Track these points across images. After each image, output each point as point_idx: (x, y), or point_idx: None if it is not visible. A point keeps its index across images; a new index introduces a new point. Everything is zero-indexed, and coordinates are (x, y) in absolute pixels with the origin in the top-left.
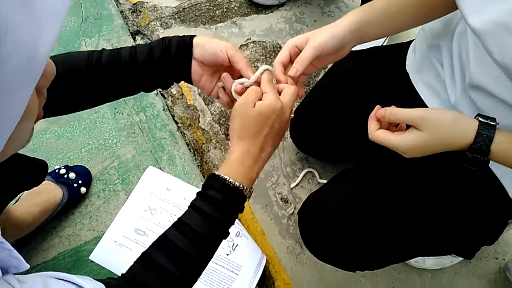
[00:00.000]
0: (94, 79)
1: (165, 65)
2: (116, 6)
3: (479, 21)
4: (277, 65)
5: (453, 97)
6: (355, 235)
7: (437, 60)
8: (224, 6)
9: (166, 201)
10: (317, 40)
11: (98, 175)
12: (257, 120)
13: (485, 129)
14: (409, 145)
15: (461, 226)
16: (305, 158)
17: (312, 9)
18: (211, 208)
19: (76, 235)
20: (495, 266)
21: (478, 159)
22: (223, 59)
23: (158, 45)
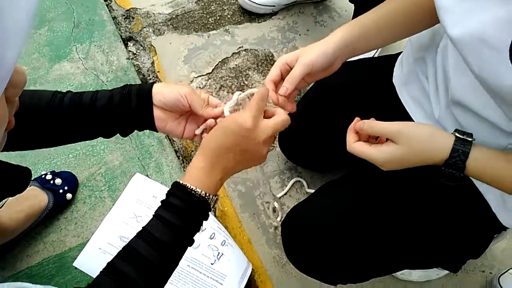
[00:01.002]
0: (54, 119)
1: (124, 114)
2: (109, 12)
3: (458, 32)
4: (268, 83)
5: (437, 112)
6: (337, 249)
7: (423, 73)
8: (217, 14)
9: (152, 209)
10: (307, 58)
11: (84, 181)
12: (221, 133)
13: (461, 144)
14: (385, 158)
15: (446, 239)
16: (294, 167)
17: (305, 18)
18: (174, 217)
19: (61, 241)
20: (481, 280)
21: (454, 175)
22: (185, 105)
23: (118, 94)
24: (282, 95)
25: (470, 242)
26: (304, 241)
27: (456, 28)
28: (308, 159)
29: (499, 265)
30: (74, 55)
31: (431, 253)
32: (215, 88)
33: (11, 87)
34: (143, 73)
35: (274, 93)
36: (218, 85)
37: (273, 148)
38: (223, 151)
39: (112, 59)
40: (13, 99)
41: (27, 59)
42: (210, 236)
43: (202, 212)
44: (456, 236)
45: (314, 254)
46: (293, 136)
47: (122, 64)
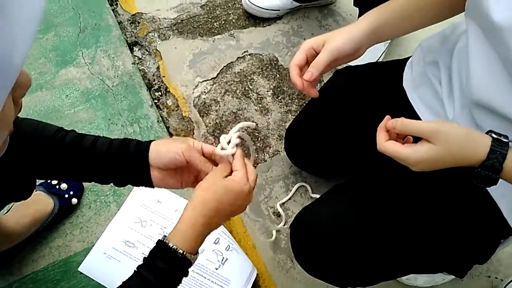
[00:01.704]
0: (53, 153)
1: (120, 168)
2: (114, 17)
3: (505, 17)
4: (293, 67)
5: (451, 114)
6: (347, 252)
7: (435, 77)
8: (222, 18)
9: (157, 214)
10: (333, 44)
11: (90, 186)
12: (222, 193)
13: (498, 146)
14: (420, 157)
15: (454, 244)
16: (298, 172)
17: (309, 23)
18: (155, 277)
19: (66, 246)
20: (487, 285)
21: (489, 177)
22: (182, 162)
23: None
24: (307, 80)
25: (477, 247)
26: (313, 244)
27: (503, 12)
28: (313, 164)
29: (505, 270)
30: (80, 60)
31: (439, 257)
32: (220, 92)
33: (18, 88)
34: (149, 78)
35: (298, 77)
36: (223, 89)
37: (278, 153)
38: (217, 212)
39: (118, 64)
40: (19, 100)
41: (34, 64)
42: (214, 241)
43: (183, 271)
44: (463, 241)
45: (323, 257)
46: (299, 141)
47: (127, 69)
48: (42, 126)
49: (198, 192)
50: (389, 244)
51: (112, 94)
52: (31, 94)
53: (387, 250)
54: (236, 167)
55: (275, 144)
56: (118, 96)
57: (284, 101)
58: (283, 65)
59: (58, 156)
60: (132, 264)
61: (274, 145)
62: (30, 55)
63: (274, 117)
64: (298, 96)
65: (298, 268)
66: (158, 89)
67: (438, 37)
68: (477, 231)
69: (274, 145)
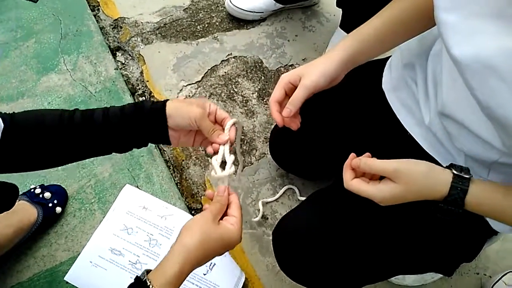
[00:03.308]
0: (65, 137)
1: (140, 132)
2: (96, 22)
3: (461, 53)
4: (273, 104)
5: (427, 118)
6: (328, 257)
7: (412, 79)
8: (205, 22)
9: (143, 220)
10: (309, 80)
11: (74, 194)
12: (213, 242)
13: (458, 182)
14: (384, 196)
15: (440, 244)
16: (285, 174)
17: (293, 24)
18: None
19: (52, 256)
20: (476, 282)
21: (453, 211)
22: (195, 128)
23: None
24: (286, 117)
25: (464, 246)
26: (295, 250)
27: (460, 48)
28: (298, 166)
29: (494, 267)
30: (62, 67)
31: (425, 258)
32: (205, 96)
33: None
34: (132, 83)
35: (279, 114)
36: (208, 93)
37: (264, 156)
38: (204, 258)
39: (100, 69)
40: None
41: (15, 72)
42: None
43: None
44: (449, 240)
45: (305, 262)
46: (283, 143)
47: (110, 75)
48: (41, 114)
49: (189, 238)
50: (374, 246)
51: (95, 100)
52: (12, 102)
53: (372, 252)
54: (233, 212)
55: (261, 146)
56: (101, 102)
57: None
58: (267, 67)
59: (73, 139)
60: (118, 272)
61: (261, 147)
62: (11, 62)
63: (260, 119)
64: None
65: None
66: (142, 94)
67: (416, 39)
68: (463, 230)
69: (261, 148)
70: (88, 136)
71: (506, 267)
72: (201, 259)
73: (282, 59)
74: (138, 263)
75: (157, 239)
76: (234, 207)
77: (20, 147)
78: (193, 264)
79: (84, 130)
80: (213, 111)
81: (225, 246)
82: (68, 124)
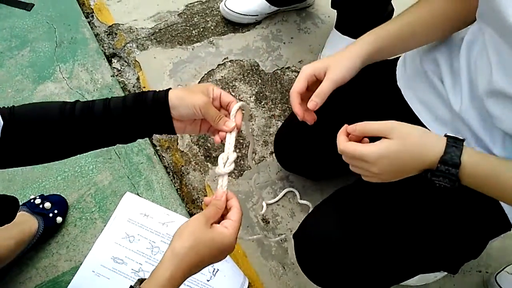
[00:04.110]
0: (68, 129)
1: (142, 122)
2: (91, 29)
3: None
4: (294, 95)
5: (458, 106)
6: (351, 260)
7: (434, 73)
8: (200, 26)
9: (144, 228)
10: (336, 73)
11: (74, 203)
12: (207, 247)
13: (454, 142)
14: (380, 153)
15: (449, 242)
16: (285, 177)
17: (288, 26)
18: None
19: (53, 266)
20: (478, 280)
21: (450, 172)
22: (199, 116)
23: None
24: (312, 108)
25: (471, 243)
26: (318, 255)
27: None
28: (304, 165)
29: (495, 264)
30: (58, 75)
31: (436, 257)
32: None
33: None
34: (129, 89)
35: (300, 106)
36: None
37: (264, 159)
38: (198, 265)
39: (97, 77)
40: None
41: (10, 82)
42: None
43: None
44: (458, 238)
45: (329, 267)
46: (288, 141)
47: (107, 82)
48: (43, 108)
49: (179, 243)
50: (393, 248)
51: None
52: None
53: (391, 254)
54: (231, 216)
55: (260, 150)
56: None
57: (268, 106)
58: (264, 70)
59: (74, 132)
60: (121, 280)
61: (260, 151)
62: (7, 72)
63: (258, 123)
64: (281, 101)
65: (290, 274)
66: None
67: None
68: (471, 227)
69: (260, 151)
70: (90, 129)
71: (508, 263)
72: (194, 264)
73: (278, 62)
74: (141, 271)
75: (159, 246)
76: (235, 210)
77: (21, 141)
78: (185, 270)
79: (85, 123)
80: (217, 96)
81: (220, 250)
82: (69, 117)
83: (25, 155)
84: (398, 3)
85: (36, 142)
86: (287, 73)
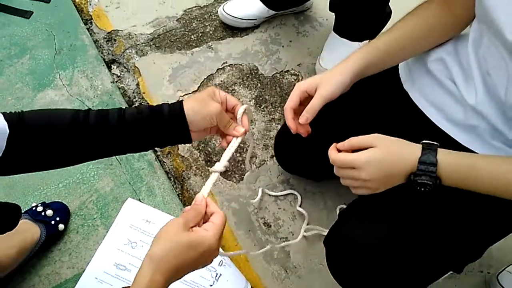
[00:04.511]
0: (79, 137)
1: (160, 138)
2: (90, 36)
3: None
4: (288, 110)
5: (473, 99)
6: (383, 267)
7: (442, 73)
8: (199, 31)
9: (147, 234)
10: (327, 90)
11: (76, 210)
12: (184, 250)
13: (429, 146)
14: (366, 159)
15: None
16: (286, 180)
17: (287, 30)
18: None
19: (56, 274)
20: (480, 280)
21: (429, 170)
22: (215, 124)
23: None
24: (302, 124)
25: (477, 243)
26: (350, 262)
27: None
28: (305, 166)
29: (497, 264)
30: (58, 82)
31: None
32: None
33: None
34: (129, 95)
35: (294, 122)
36: None
37: (265, 163)
38: (178, 269)
39: (97, 83)
40: None
41: (10, 90)
42: None
43: None
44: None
45: (360, 273)
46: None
47: (106, 88)
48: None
49: (156, 247)
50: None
51: None
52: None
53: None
54: (213, 219)
55: (261, 154)
56: None
57: (267, 110)
58: (263, 74)
59: (86, 140)
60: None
61: (260, 155)
62: (7, 80)
63: (258, 126)
64: (281, 104)
65: (293, 278)
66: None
67: None
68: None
69: (260, 155)
70: (103, 138)
71: (510, 263)
72: (174, 268)
73: (277, 65)
74: None
75: None
76: (216, 215)
77: (30, 147)
78: (165, 274)
79: (99, 132)
80: (224, 100)
81: (201, 253)
82: (83, 125)
83: (33, 162)
84: (396, 6)
85: (45, 149)
86: (286, 76)
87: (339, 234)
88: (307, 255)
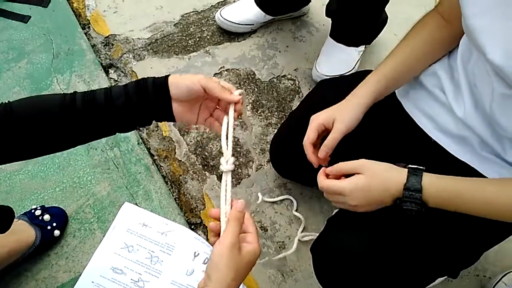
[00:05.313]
0: (69, 121)
1: (143, 108)
2: (87, 40)
3: (502, 58)
4: (308, 146)
5: (461, 112)
6: (369, 273)
7: (434, 85)
8: (196, 36)
9: (143, 238)
10: (344, 124)
11: (73, 214)
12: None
13: (414, 171)
14: (352, 186)
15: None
16: (283, 185)
17: (283, 35)
18: None
19: (53, 278)
20: (476, 283)
21: (414, 197)
22: (198, 91)
23: (134, 88)
24: (323, 158)
25: (472, 249)
26: (336, 267)
27: (499, 52)
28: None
29: (493, 268)
30: (56, 86)
31: (444, 265)
32: None
33: None
34: None
35: (314, 156)
36: None
37: (261, 167)
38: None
39: (94, 88)
40: None
41: (8, 93)
42: (203, 261)
43: None
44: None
45: (348, 280)
46: (284, 149)
47: None
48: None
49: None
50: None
51: None
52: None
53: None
54: (248, 229)
55: (258, 158)
56: None
57: (264, 115)
58: (260, 79)
59: (76, 123)
60: None
61: (257, 159)
62: (4, 84)
63: (255, 131)
64: (277, 109)
65: (290, 282)
66: None
67: None
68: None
69: (257, 160)
70: (92, 119)
71: (506, 267)
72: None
73: (274, 70)
74: (140, 281)
75: (158, 256)
76: (248, 222)
77: (20, 136)
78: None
79: (87, 114)
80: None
81: (253, 264)
82: (70, 108)
83: (25, 150)
84: (392, 12)
85: (36, 136)
86: (283, 81)
87: (326, 241)
88: (303, 259)
